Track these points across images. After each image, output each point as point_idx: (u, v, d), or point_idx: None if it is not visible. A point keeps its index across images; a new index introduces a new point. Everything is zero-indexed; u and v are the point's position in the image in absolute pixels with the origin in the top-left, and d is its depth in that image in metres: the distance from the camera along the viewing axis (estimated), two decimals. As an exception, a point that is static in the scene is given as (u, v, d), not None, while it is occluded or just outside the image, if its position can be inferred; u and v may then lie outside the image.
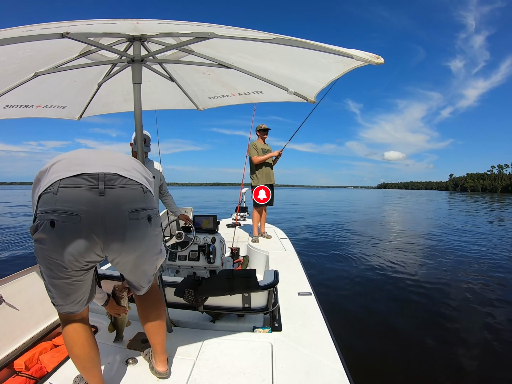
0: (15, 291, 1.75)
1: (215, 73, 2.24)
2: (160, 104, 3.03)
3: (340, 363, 1.52)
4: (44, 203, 0.98)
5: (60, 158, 1.07)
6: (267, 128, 4.79)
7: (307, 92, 2.15)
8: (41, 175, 1.05)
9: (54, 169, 1.03)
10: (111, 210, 1.01)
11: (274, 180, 4.85)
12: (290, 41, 1.21)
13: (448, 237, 8.41)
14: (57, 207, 0.96)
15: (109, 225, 1.02)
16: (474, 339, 2.85)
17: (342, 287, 4.33)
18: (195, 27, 1.33)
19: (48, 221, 0.96)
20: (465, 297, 3.87)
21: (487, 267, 5.33)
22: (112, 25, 1.35)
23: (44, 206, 0.98)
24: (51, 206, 0.96)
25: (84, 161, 1.06)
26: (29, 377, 1.58)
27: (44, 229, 0.97)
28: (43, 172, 1.05)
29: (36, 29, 1.05)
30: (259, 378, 1.41)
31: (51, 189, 0.98)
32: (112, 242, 1.04)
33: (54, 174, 1.00)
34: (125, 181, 1.07)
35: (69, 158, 1.07)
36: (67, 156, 1.09)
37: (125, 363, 1.53)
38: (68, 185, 0.98)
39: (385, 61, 1.22)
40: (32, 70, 1.79)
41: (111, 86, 2.47)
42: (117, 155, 1.18)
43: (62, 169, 1.01)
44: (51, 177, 1.00)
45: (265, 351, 1.64)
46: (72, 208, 0.96)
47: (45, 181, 1.01)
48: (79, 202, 0.97)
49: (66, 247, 0.98)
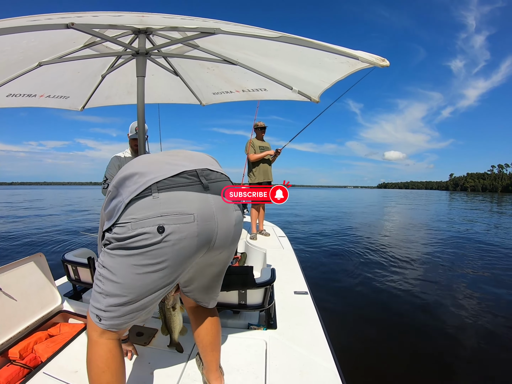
0: (11, 281, 1.75)
1: (220, 69, 2.23)
2: (164, 98, 3.02)
3: (333, 362, 1.53)
4: (142, 209, 0.89)
5: (138, 165, 0.99)
6: (264, 126, 4.80)
7: (311, 91, 2.15)
8: (119, 185, 0.95)
9: (139, 173, 0.94)
10: (219, 203, 0.99)
11: (272, 177, 4.85)
12: (295, 40, 1.20)
13: (453, 235, 8.42)
14: (164, 210, 0.89)
15: (221, 219, 0.99)
16: (471, 339, 2.87)
17: (339, 287, 4.35)
18: (201, 22, 1.32)
19: (155, 226, 0.88)
20: (465, 298, 3.88)
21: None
22: (118, 17, 1.35)
23: (141, 212, 0.89)
24: (155, 210, 0.88)
25: (171, 161, 1.00)
26: (23, 366, 1.58)
27: (149, 236, 0.88)
28: (120, 182, 0.95)
29: (41, 19, 1.05)
30: (253, 376, 1.42)
31: (147, 193, 0.89)
32: (222, 237, 1.01)
33: (144, 178, 0.92)
34: (218, 175, 1.05)
35: (149, 162, 1.01)
36: (144, 161, 1.02)
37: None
38: (168, 186, 0.91)
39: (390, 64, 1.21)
40: (36, 60, 1.79)
41: (115, 78, 2.47)
42: (191, 152, 1.13)
43: (154, 172, 0.93)
44: (140, 181, 0.91)
45: (259, 348, 1.64)
46: (182, 208, 0.91)
47: (131, 187, 0.91)
48: (189, 201, 0.92)
49: (179, 251, 0.92)
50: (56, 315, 2.01)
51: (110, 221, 0.94)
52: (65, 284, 2.45)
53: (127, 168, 0.98)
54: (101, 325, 0.96)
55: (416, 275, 4.97)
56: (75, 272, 2.24)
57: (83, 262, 2.17)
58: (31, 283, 1.89)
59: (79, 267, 2.20)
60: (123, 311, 0.95)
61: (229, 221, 1.02)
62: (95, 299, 0.98)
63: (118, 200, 0.92)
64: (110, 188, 0.97)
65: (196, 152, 1.15)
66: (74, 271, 2.23)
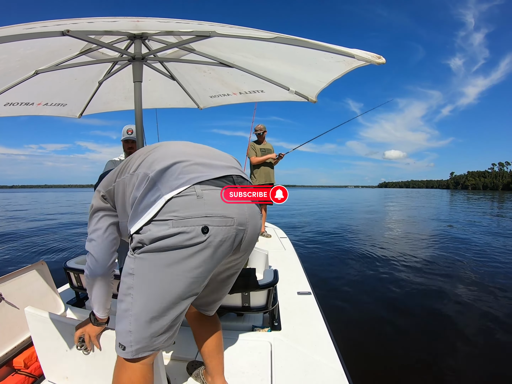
0: (14, 289, 1.75)
1: (216, 72, 2.23)
2: (161, 103, 3.03)
3: (339, 362, 1.52)
4: (186, 207, 0.87)
5: (172, 156, 0.96)
6: (264, 130, 4.80)
7: (308, 91, 2.15)
8: (157, 178, 0.90)
9: (178, 171, 0.92)
10: (250, 209, 1.00)
11: (274, 179, 4.85)
12: (291, 40, 1.20)
13: (456, 233, 8.41)
14: (209, 211, 0.88)
15: (250, 225, 1.00)
16: (478, 340, 2.85)
17: (342, 286, 4.33)
18: (196, 26, 1.32)
19: (199, 226, 0.85)
20: (471, 300, 3.87)
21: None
22: (113, 23, 1.35)
23: (185, 210, 0.86)
24: (200, 210, 0.87)
25: (208, 161, 1.00)
26: (28, 375, 1.57)
27: (193, 236, 0.85)
28: (158, 175, 0.90)
29: (37, 27, 1.05)
30: (258, 378, 1.41)
31: (191, 192, 0.88)
32: (248, 242, 1.03)
33: (187, 175, 0.91)
34: (247, 182, 1.08)
35: (184, 155, 0.98)
36: (178, 151, 1.00)
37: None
38: (211, 188, 0.92)
39: (386, 61, 1.21)
40: (32, 68, 1.79)
41: (112, 84, 2.48)
42: (220, 152, 1.15)
43: (194, 171, 0.93)
44: (183, 178, 0.90)
45: (264, 350, 1.64)
46: (226, 211, 0.91)
47: (173, 183, 0.89)
48: (230, 205, 0.93)
49: (217, 254, 0.91)
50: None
51: (143, 217, 0.89)
52: (67, 292, 2.45)
53: (162, 158, 0.95)
54: (128, 353, 0.90)
55: (423, 273, 4.93)
56: (77, 279, 2.23)
57: (85, 269, 2.17)
58: (33, 291, 1.89)
59: (82, 274, 2.20)
60: (153, 329, 0.90)
61: (256, 227, 1.04)
62: (121, 322, 0.92)
63: (157, 195, 0.88)
64: (142, 178, 0.92)
65: (223, 153, 1.16)
66: (77, 278, 2.23)
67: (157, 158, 0.96)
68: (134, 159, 1.05)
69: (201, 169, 0.95)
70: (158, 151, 1.01)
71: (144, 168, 0.95)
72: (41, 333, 1.36)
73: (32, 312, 1.34)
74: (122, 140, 2.69)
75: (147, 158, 0.99)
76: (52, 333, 1.32)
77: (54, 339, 1.33)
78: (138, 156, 1.05)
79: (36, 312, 1.34)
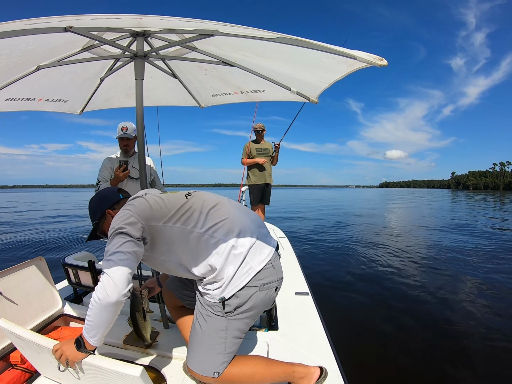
0: (12, 285, 1.75)
1: (218, 71, 2.23)
2: (162, 100, 3.02)
3: (335, 363, 1.53)
4: (268, 275, 1.27)
5: (247, 229, 1.28)
6: (260, 129, 4.81)
7: (310, 92, 2.15)
8: (247, 252, 1.23)
9: (260, 246, 1.28)
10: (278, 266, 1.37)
11: (270, 179, 4.83)
12: (293, 41, 1.20)
13: (455, 235, 8.41)
14: (279, 275, 1.34)
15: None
16: (477, 341, 2.85)
17: (340, 287, 4.33)
18: (199, 24, 1.32)
19: (274, 288, 1.30)
20: (469, 299, 3.87)
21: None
22: (116, 20, 1.35)
23: (268, 277, 1.27)
24: (274, 277, 1.30)
25: (263, 231, 1.36)
26: (24, 370, 1.58)
27: (271, 295, 1.30)
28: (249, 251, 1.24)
29: (39, 22, 1.05)
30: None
31: (269, 265, 1.27)
32: None
33: (266, 250, 1.29)
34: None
35: (251, 225, 1.31)
36: (245, 222, 1.31)
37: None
38: (275, 259, 1.33)
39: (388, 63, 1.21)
40: (34, 63, 1.79)
41: (113, 81, 2.47)
42: (262, 223, 1.43)
43: (266, 245, 1.31)
44: (264, 253, 1.28)
45: (261, 350, 1.64)
46: (281, 274, 1.36)
47: (259, 257, 1.26)
48: (281, 271, 1.37)
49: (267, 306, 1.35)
50: (57, 319, 2.01)
51: (237, 285, 1.20)
52: (65, 288, 2.45)
53: (242, 230, 1.25)
54: (219, 374, 1.22)
55: (420, 275, 4.94)
56: (75, 275, 2.23)
57: (83, 266, 2.17)
58: (31, 287, 1.89)
59: (80, 271, 2.20)
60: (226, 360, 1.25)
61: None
62: (214, 358, 1.22)
63: (248, 267, 1.22)
64: (227, 248, 1.21)
65: (259, 222, 1.41)
66: (75, 275, 2.23)
67: (235, 228, 1.24)
68: (195, 211, 1.27)
69: (267, 241, 1.32)
70: (228, 217, 1.27)
71: (223, 235, 1.22)
72: (19, 343, 1.30)
73: (4, 327, 1.27)
74: (117, 138, 2.70)
75: (221, 224, 1.25)
76: (30, 346, 1.25)
77: (34, 351, 1.26)
78: (200, 211, 1.27)
79: (7, 327, 1.26)
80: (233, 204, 1.39)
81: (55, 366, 1.20)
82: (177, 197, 1.34)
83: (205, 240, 1.22)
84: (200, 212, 1.26)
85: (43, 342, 1.18)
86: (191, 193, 1.38)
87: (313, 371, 1.37)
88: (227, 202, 1.38)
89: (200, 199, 1.33)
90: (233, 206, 1.37)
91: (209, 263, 1.21)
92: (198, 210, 1.27)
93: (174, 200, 1.31)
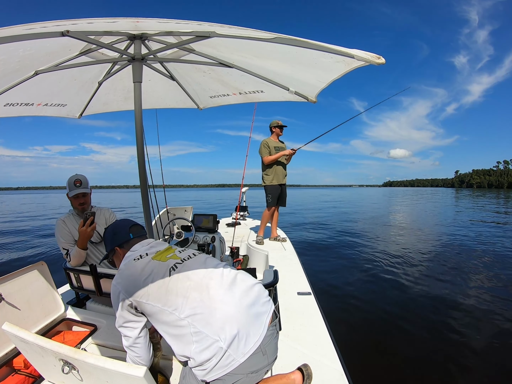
0: (14, 290, 1.75)
1: (216, 72, 2.23)
2: (161, 103, 3.03)
3: (339, 362, 1.52)
4: (257, 362, 1.17)
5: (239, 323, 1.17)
6: (283, 125, 4.58)
7: (308, 91, 2.15)
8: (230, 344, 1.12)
9: (243, 339, 1.15)
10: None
11: (285, 180, 4.66)
12: (290, 41, 1.20)
13: (455, 233, 8.39)
14: (270, 360, 1.22)
15: None
16: (480, 341, 2.84)
17: (342, 287, 4.32)
18: (196, 26, 1.32)
19: (263, 372, 1.23)
20: (473, 300, 3.86)
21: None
22: (113, 23, 1.35)
23: (258, 364, 1.18)
24: (265, 362, 1.20)
25: (256, 318, 1.23)
26: (28, 375, 1.58)
27: (260, 377, 1.24)
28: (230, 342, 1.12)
29: (36, 27, 1.05)
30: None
31: (257, 352, 1.16)
32: None
33: (253, 338, 1.16)
34: None
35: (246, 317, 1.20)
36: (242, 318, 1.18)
37: None
38: (263, 345, 1.19)
39: (386, 61, 1.21)
40: (32, 68, 1.79)
41: (112, 85, 2.47)
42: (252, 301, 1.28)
43: (256, 332, 1.18)
44: (248, 346, 1.15)
45: (264, 350, 1.64)
46: (271, 359, 1.25)
47: (244, 349, 1.13)
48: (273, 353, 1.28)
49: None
50: (59, 323, 2.00)
51: (219, 372, 1.12)
52: (68, 292, 2.45)
53: (229, 323, 1.14)
54: None
55: (424, 275, 4.92)
56: (77, 279, 2.23)
57: (85, 270, 2.17)
58: (33, 291, 1.89)
59: (82, 275, 2.20)
60: None
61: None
62: None
63: (231, 359, 1.12)
64: (205, 339, 1.13)
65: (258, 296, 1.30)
66: (77, 279, 2.23)
67: (217, 321, 1.14)
68: (178, 296, 1.19)
69: (258, 324, 1.20)
70: (210, 307, 1.17)
71: (202, 326, 1.13)
72: (23, 347, 1.30)
73: (8, 330, 1.27)
74: (69, 197, 2.22)
75: (201, 315, 1.15)
76: (34, 349, 1.25)
77: (39, 355, 1.26)
78: (183, 296, 1.18)
79: (11, 330, 1.26)
80: (224, 281, 1.27)
81: (59, 370, 1.20)
82: (162, 271, 1.27)
83: (185, 325, 1.15)
84: (183, 296, 1.19)
85: (48, 345, 1.19)
86: (177, 266, 1.29)
87: (293, 378, 1.34)
88: (218, 281, 1.26)
89: (186, 278, 1.24)
90: (223, 287, 1.25)
91: (190, 349, 1.15)
92: (181, 294, 1.20)
93: (157, 277, 1.24)
